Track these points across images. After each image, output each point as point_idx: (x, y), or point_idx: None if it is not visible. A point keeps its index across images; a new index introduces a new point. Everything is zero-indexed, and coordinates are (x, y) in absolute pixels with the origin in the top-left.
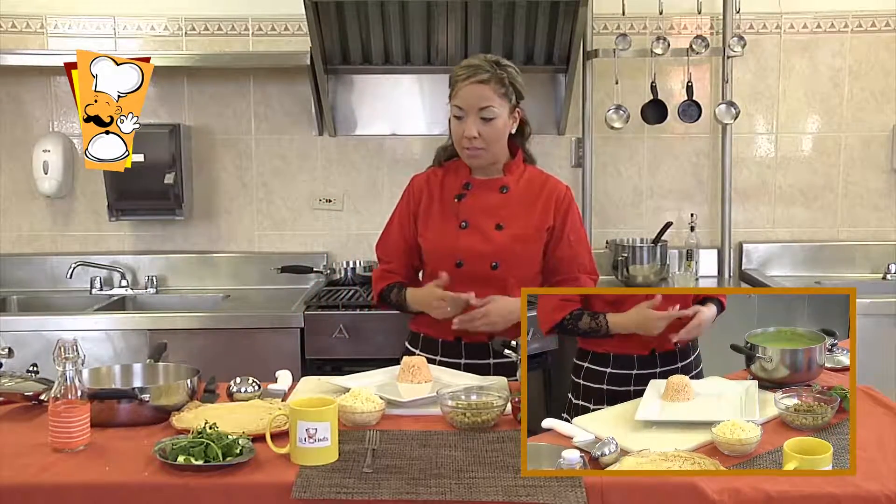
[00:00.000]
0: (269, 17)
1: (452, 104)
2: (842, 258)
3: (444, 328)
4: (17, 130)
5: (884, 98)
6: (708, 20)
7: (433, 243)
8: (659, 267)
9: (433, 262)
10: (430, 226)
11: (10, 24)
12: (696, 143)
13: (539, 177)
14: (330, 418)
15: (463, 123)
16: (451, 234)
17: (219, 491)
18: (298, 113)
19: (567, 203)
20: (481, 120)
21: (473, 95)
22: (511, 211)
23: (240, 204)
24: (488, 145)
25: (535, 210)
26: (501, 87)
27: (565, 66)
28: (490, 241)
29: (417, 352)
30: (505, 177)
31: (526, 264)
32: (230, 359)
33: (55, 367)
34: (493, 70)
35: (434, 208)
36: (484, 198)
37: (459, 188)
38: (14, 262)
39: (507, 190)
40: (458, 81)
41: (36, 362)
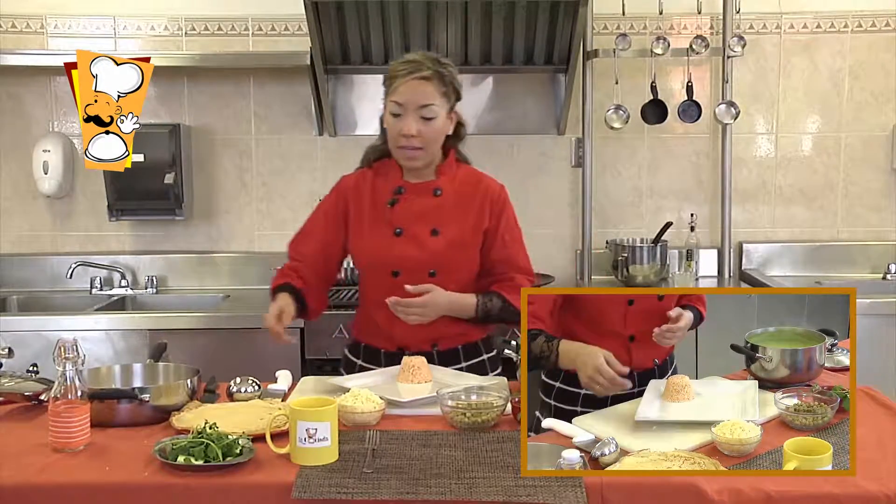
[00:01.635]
0: (269, 17)
1: (390, 100)
2: (842, 258)
3: (385, 339)
4: (17, 130)
5: (884, 98)
6: (708, 20)
7: (367, 253)
8: (659, 267)
9: (368, 272)
10: (363, 234)
11: (10, 24)
12: (696, 143)
13: (473, 176)
14: (330, 418)
15: (401, 121)
16: (386, 243)
17: (219, 491)
18: (298, 113)
19: (502, 203)
20: (421, 119)
21: (414, 92)
22: (446, 215)
23: (240, 204)
24: (426, 145)
25: (470, 212)
26: (443, 86)
27: (565, 66)
28: (426, 249)
29: (359, 362)
30: (438, 179)
31: (465, 269)
32: (230, 359)
33: (55, 367)
34: (435, 68)
35: (366, 215)
36: (417, 202)
37: (391, 193)
38: (14, 262)
39: (441, 193)
40: (398, 77)
41: (36, 362)
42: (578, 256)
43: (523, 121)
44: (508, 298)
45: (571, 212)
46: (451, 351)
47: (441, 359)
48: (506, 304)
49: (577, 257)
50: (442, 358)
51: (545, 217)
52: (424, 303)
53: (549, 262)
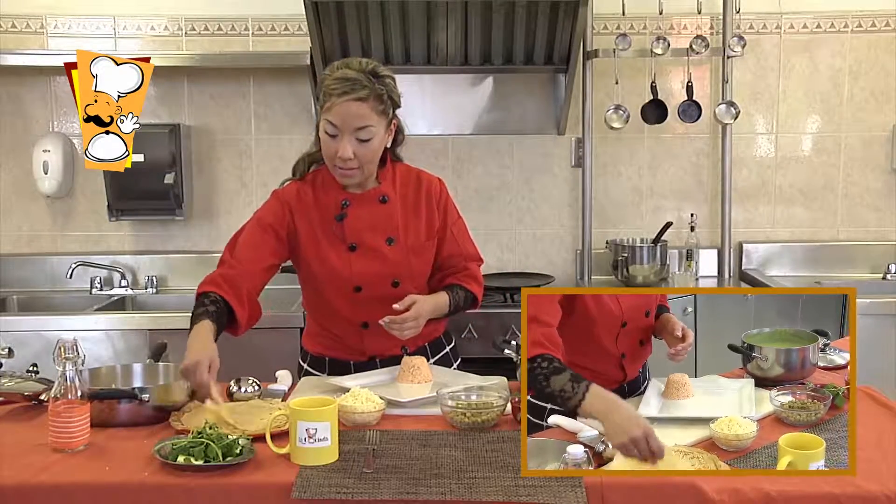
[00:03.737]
0: (269, 17)
1: (324, 118)
2: (842, 258)
3: (353, 351)
4: (17, 130)
5: (884, 98)
6: (708, 20)
7: (326, 270)
8: (659, 267)
9: (329, 289)
10: (320, 251)
11: (10, 24)
12: (696, 143)
13: (411, 174)
14: (330, 418)
15: (336, 142)
16: (343, 259)
17: (219, 491)
18: (298, 113)
19: (445, 198)
20: (356, 140)
21: (349, 114)
22: (397, 221)
23: (240, 204)
24: (363, 165)
25: (420, 214)
26: (380, 105)
27: (565, 66)
28: (386, 260)
29: (324, 376)
30: (381, 186)
31: (423, 272)
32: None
33: (55, 367)
34: (371, 85)
35: (316, 232)
36: (366, 213)
37: (337, 207)
38: (14, 262)
39: (388, 199)
40: (333, 96)
41: (36, 362)
42: (578, 256)
43: (523, 121)
44: (469, 288)
45: (571, 212)
46: (420, 350)
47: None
48: (468, 294)
49: (577, 257)
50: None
51: (545, 217)
52: (417, 314)
53: (549, 262)
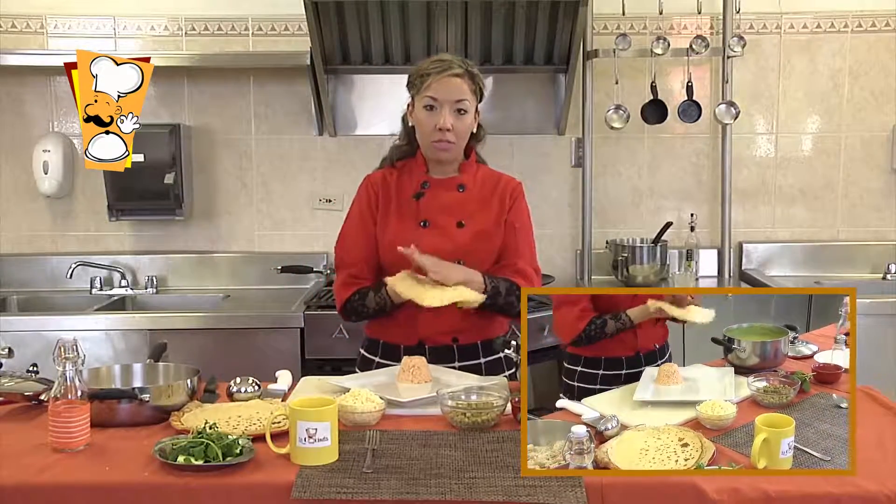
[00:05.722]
0: (269, 17)
1: (424, 95)
2: (842, 258)
3: (406, 333)
4: (17, 130)
5: (884, 98)
6: (708, 20)
7: (393, 244)
8: (659, 267)
9: (395, 263)
10: (389, 227)
11: (10, 24)
12: (696, 143)
13: (493, 175)
14: (330, 418)
15: (436, 115)
16: (412, 234)
17: (219, 491)
18: (298, 113)
19: (517, 194)
20: (456, 112)
21: (449, 88)
22: (470, 208)
23: (240, 204)
24: (458, 139)
25: (491, 206)
26: (473, 84)
27: (565, 66)
28: (452, 239)
29: (377, 359)
30: (461, 175)
31: (488, 260)
32: (230, 359)
33: (55, 367)
34: (466, 67)
35: (392, 209)
36: (442, 196)
37: (416, 187)
38: (14, 262)
39: (465, 188)
40: (432, 74)
41: (36, 362)
42: (578, 256)
43: (523, 121)
44: (513, 279)
45: (571, 212)
46: (471, 346)
47: (461, 353)
48: (511, 286)
49: (577, 257)
50: (462, 353)
51: (545, 217)
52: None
53: (549, 262)
